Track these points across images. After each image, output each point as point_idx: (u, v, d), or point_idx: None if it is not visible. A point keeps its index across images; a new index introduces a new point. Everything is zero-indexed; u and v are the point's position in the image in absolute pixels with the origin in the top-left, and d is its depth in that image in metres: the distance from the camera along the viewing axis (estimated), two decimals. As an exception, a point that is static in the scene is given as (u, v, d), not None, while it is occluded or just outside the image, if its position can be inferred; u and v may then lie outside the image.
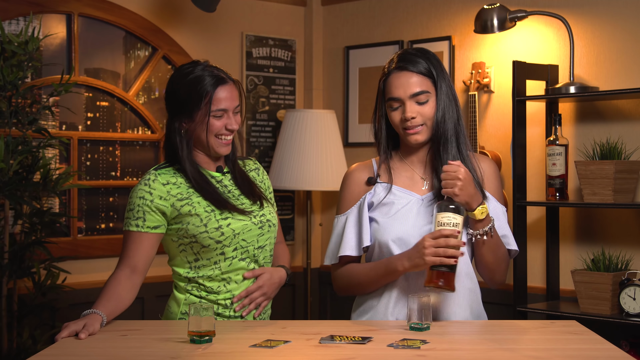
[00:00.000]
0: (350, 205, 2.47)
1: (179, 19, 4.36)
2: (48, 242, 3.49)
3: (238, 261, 2.42)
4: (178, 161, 2.41)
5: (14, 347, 3.43)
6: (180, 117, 2.39)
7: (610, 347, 2.04)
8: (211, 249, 2.38)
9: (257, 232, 2.44)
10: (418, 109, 2.35)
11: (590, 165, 3.50)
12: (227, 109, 2.39)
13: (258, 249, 2.45)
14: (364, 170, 2.49)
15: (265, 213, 2.48)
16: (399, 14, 4.49)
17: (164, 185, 2.37)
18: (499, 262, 2.39)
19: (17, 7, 3.78)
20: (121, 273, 2.36)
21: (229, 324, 2.36)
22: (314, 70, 4.82)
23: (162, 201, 2.36)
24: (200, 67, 2.39)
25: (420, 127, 2.36)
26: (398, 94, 2.35)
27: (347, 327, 2.27)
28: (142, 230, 2.36)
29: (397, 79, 2.36)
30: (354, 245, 2.42)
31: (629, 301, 3.37)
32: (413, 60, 2.37)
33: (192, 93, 2.36)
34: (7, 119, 3.38)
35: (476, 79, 4.04)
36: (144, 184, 2.38)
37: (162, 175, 2.39)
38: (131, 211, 2.37)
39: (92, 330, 2.16)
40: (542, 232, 3.85)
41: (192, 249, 2.40)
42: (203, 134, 2.38)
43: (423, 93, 2.35)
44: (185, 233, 2.38)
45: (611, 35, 3.72)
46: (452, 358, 1.96)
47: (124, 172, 4.21)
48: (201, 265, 2.41)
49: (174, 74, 2.44)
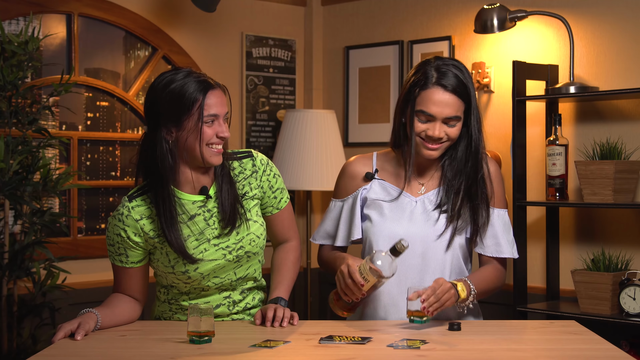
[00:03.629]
0: (346, 194, 2.50)
1: (179, 19, 4.36)
2: (48, 242, 3.49)
3: (213, 290, 2.37)
4: (156, 181, 2.25)
5: (14, 347, 3.43)
6: (168, 125, 2.23)
7: (610, 347, 2.04)
8: (180, 286, 2.36)
9: (233, 266, 2.35)
10: (446, 130, 2.36)
11: (590, 165, 3.49)
12: (218, 115, 2.25)
13: (237, 280, 2.38)
14: (363, 164, 2.50)
15: (244, 241, 2.34)
16: (399, 14, 4.48)
17: (137, 221, 2.27)
18: (491, 291, 2.47)
19: (17, 7, 3.78)
20: (119, 293, 2.36)
21: (229, 324, 2.36)
22: (314, 70, 4.82)
23: (137, 237, 2.29)
24: (183, 73, 2.26)
25: (439, 147, 2.37)
26: (433, 112, 2.34)
27: (346, 327, 2.27)
28: (127, 266, 2.33)
29: (437, 95, 2.33)
30: (342, 238, 2.50)
31: (629, 301, 3.36)
32: (455, 79, 2.34)
33: (181, 99, 2.21)
34: (7, 119, 3.38)
35: (476, 79, 4.04)
36: (118, 219, 2.28)
37: (136, 209, 2.28)
38: (112, 246, 2.32)
39: (87, 329, 2.15)
40: (542, 232, 3.85)
41: (166, 279, 2.37)
42: (195, 142, 2.22)
43: (456, 118, 2.35)
44: (157, 267, 2.35)
45: (611, 35, 3.72)
46: (452, 358, 1.96)
47: (124, 172, 4.21)
48: (175, 290, 2.39)
49: (155, 83, 2.29)
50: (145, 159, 2.29)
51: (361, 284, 2.21)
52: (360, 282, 2.21)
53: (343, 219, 2.49)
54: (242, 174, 2.39)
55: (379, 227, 2.40)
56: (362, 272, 2.22)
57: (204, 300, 2.37)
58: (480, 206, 2.40)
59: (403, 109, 2.40)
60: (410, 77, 2.40)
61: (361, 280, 2.21)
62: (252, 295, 2.45)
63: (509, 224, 2.47)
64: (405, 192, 2.44)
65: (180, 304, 2.39)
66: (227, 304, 2.39)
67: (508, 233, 2.45)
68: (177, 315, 2.41)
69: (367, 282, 2.22)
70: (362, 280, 2.21)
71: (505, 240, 2.44)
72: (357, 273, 2.22)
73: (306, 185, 4.35)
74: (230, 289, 2.38)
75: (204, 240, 2.30)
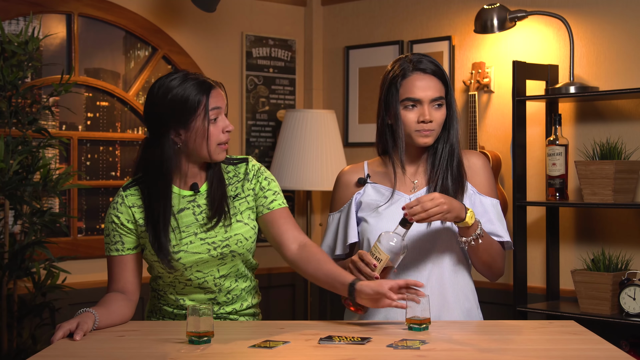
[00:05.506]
0: (342, 204, 2.53)
1: (179, 19, 4.36)
2: (48, 242, 3.49)
3: (194, 288, 2.41)
4: (154, 178, 2.33)
5: (14, 347, 3.43)
6: (176, 128, 2.30)
7: (610, 347, 2.04)
8: (164, 276, 2.40)
9: (217, 263, 2.38)
10: (434, 113, 2.40)
11: (590, 165, 3.49)
12: (221, 108, 2.33)
13: (220, 277, 2.40)
14: (354, 172, 2.55)
15: (231, 240, 2.37)
16: (399, 14, 4.48)
17: (129, 207, 2.36)
18: (494, 258, 2.43)
19: (17, 7, 3.78)
20: (112, 293, 2.38)
21: (228, 324, 2.36)
22: (314, 70, 4.82)
23: (129, 224, 2.37)
24: (180, 78, 2.31)
25: (432, 132, 2.40)
26: (419, 96, 2.39)
27: (346, 327, 2.27)
28: (123, 254, 2.38)
29: (419, 80, 2.39)
30: (339, 243, 2.52)
31: (629, 301, 3.36)
32: (432, 64, 2.41)
33: (185, 104, 2.28)
34: (7, 119, 3.38)
35: (476, 79, 4.04)
36: (113, 207, 2.38)
37: (129, 198, 2.37)
38: (108, 236, 2.39)
39: (86, 329, 2.16)
40: (542, 232, 3.85)
41: (152, 270, 2.44)
42: (203, 141, 2.30)
43: (441, 99, 2.41)
44: (145, 255, 2.41)
45: (611, 35, 3.72)
46: (452, 358, 1.95)
47: (124, 172, 4.21)
48: (159, 283, 2.45)
49: (155, 91, 2.32)
50: (146, 160, 2.36)
51: (373, 264, 2.24)
52: (373, 262, 2.24)
53: (340, 226, 2.52)
54: (236, 177, 2.45)
55: (375, 226, 2.42)
56: (373, 254, 2.26)
57: (190, 297, 2.41)
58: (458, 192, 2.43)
59: (387, 107, 2.44)
60: (387, 73, 2.46)
61: (373, 261, 2.25)
62: (240, 302, 2.46)
63: (502, 214, 2.49)
64: (398, 191, 2.46)
65: (167, 298, 2.44)
66: (209, 304, 2.40)
67: (502, 222, 2.46)
68: (165, 308, 2.46)
69: (379, 262, 2.24)
70: (374, 260, 2.24)
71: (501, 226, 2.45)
72: (368, 255, 2.26)
73: (306, 185, 4.35)
74: (215, 290, 2.41)
75: (190, 233, 2.36)
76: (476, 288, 2.53)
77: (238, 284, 2.44)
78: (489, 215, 2.45)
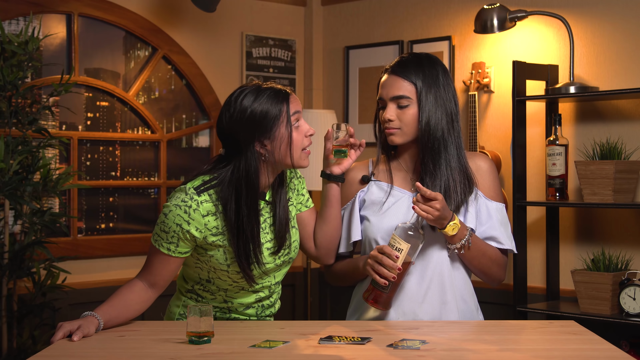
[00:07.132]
0: (345, 202, 2.52)
1: (179, 19, 4.36)
2: (48, 242, 3.49)
3: (247, 292, 2.39)
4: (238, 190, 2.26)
5: (14, 347, 3.43)
6: (261, 139, 2.26)
7: (610, 347, 2.04)
8: (226, 283, 2.36)
9: (276, 270, 2.40)
10: (398, 113, 2.40)
11: (590, 165, 3.49)
12: (300, 112, 2.31)
13: (275, 284, 2.42)
14: (359, 170, 2.55)
15: (291, 247, 2.39)
16: (399, 14, 4.48)
17: (203, 216, 2.25)
18: (488, 266, 2.42)
19: (17, 7, 3.78)
20: (139, 284, 2.31)
21: (228, 324, 2.36)
22: (314, 70, 4.82)
23: (197, 232, 2.26)
24: (254, 89, 2.30)
25: (396, 130, 2.40)
26: (382, 95, 2.43)
27: (346, 327, 2.27)
28: (172, 255, 2.28)
29: (385, 80, 2.43)
30: (343, 242, 2.50)
31: (629, 301, 3.37)
32: (403, 65, 2.41)
33: (266, 116, 2.25)
34: (7, 119, 3.38)
35: (476, 79, 4.04)
36: (184, 210, 2.24)
37: (204, 205, 2.25)
38: (165, 233, 2.26)
39: (87, 333, 2.13)
40: (542, 232, 3.85)
41: (209, 273, 2.36)
42: (287, 148, 2.28)
43: (403, 98, 2.38)
44: (208, 260, 2.33)
45: (611, 35, 3.72)
46: (452, 358, 1.95)
47: (124, 172, 4.21)
48: (209, 287, 2.38)
49: (231, 109, 2.28)
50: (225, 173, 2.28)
51: (395, 255, 2.23)
52: (394, 253, 2.24)
53: (344, 223, 2.50)
54: (292, 172, 2.48)
55: (376, 223, 2.41)
56: (392, 245, 2.25)
57: (239, 301, 2.38)
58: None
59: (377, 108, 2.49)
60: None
61: (394, 252, 2.24)
62: (276, 305, 2.49)
63: (506, 218, 2.47)
64: (399, 188, 2.46)
65: (210, 300, 2.39)
66: (256, 307, 2.42)
67: (506, 227, 2.45)
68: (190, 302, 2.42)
69: (400, 253, 2.23)
70: (396, 251, 2.24)
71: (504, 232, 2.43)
72: (388, 247, 2.25)
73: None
74: (268, 294, 2.41)
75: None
76: (476, 288, 2.53)
77: (280, 288, 2.47)
78: (493, 221, 2.43)
